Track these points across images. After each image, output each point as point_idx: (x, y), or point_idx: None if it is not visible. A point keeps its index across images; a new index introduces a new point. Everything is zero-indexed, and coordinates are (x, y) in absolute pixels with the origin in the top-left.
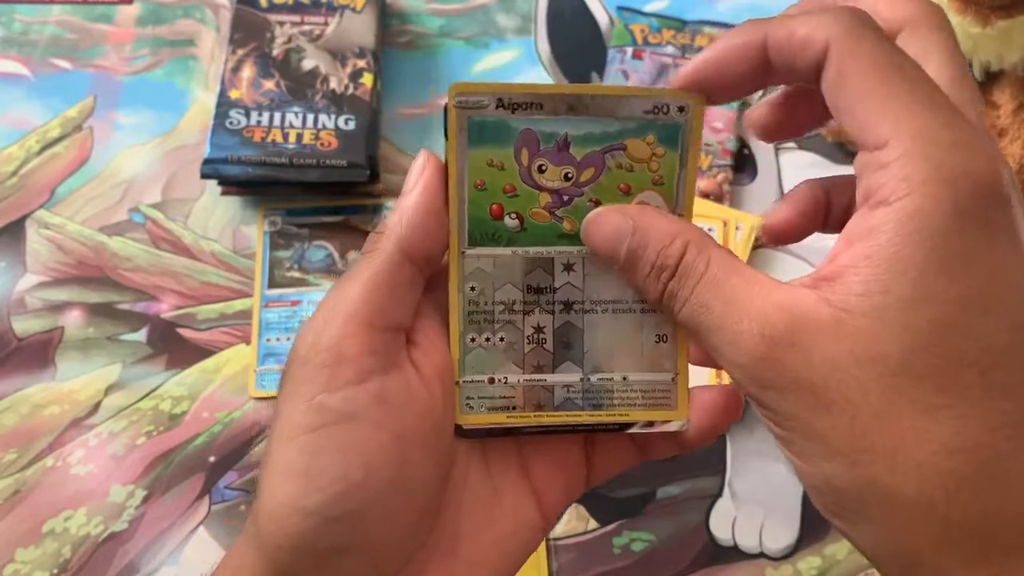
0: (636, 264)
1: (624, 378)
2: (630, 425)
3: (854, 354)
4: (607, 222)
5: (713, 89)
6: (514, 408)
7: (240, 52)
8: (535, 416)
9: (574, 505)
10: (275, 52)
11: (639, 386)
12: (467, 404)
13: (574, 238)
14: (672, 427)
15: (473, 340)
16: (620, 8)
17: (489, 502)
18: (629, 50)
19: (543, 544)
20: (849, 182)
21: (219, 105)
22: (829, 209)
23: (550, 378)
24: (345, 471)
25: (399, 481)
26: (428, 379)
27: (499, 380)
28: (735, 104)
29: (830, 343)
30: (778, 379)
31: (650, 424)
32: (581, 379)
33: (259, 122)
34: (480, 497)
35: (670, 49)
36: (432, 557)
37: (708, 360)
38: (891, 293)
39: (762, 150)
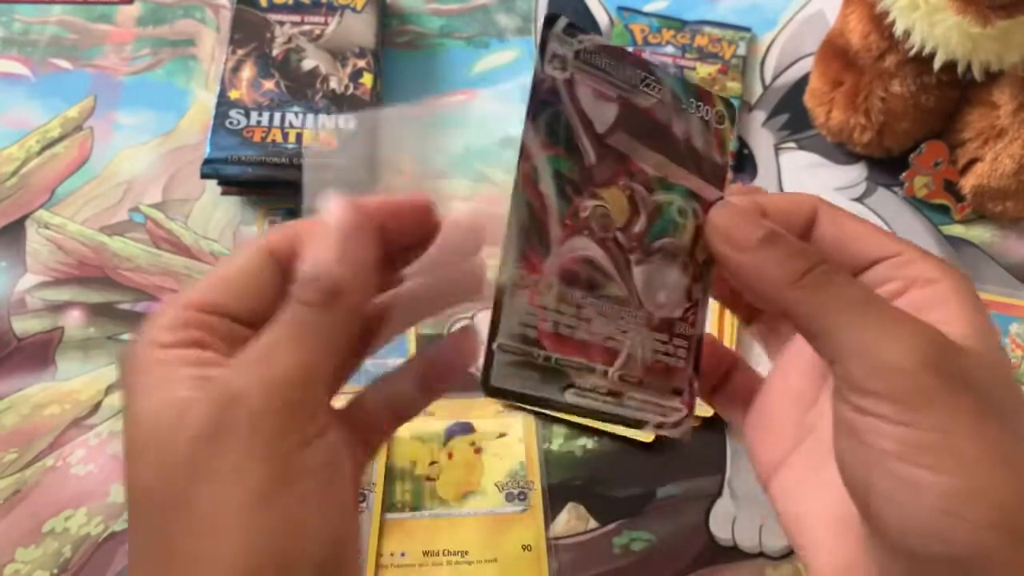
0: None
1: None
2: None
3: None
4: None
5: None
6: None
7: (240, 52)
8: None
9: (573, 505)
10: (275, 52)
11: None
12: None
13: None
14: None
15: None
16: (620, 8)
17: None
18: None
19: (543, 544)
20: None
21: (219, 105)
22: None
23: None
24: None
25: None
26: None
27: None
28: (735, 105)
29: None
30: (943, 387)
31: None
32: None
33: (259, 122)
34: None
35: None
36: None
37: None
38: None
39: (762, 150)
